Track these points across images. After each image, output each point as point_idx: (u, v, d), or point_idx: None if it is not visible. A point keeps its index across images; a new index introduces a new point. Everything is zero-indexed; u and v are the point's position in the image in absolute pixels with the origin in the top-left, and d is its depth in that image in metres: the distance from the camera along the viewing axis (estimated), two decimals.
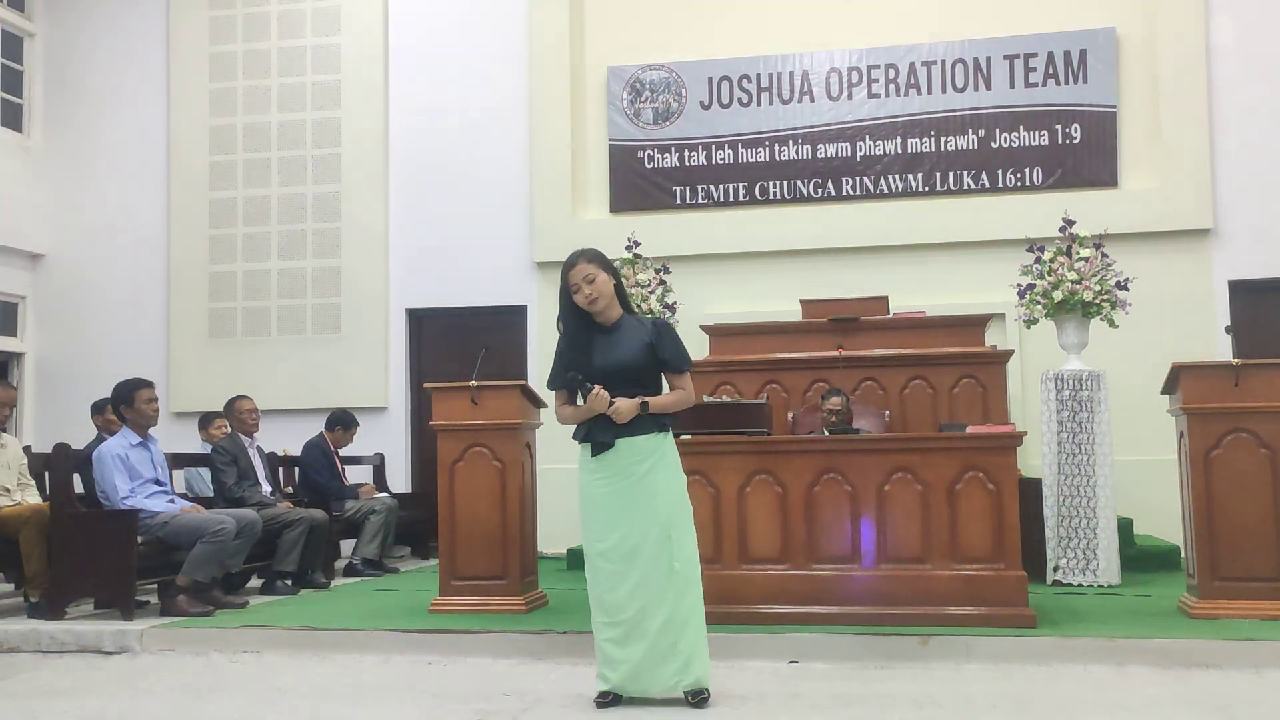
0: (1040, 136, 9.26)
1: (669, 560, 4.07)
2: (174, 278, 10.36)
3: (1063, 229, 6.90)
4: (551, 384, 4.28)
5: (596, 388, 4.07)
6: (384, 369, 10.02)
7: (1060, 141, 9.23)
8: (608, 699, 4.12)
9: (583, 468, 4.22)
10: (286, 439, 9.05)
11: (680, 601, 4.08)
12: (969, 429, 5.58)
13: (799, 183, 9.57)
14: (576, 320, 4.20)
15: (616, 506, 4.11)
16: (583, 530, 4.21)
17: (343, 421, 8.70)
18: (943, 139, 9.40)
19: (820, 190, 9.54)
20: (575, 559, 7.85)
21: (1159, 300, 8.43)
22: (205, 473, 7.85)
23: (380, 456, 9.70)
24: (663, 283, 8.29)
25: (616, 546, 4.09)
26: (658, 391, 4.23)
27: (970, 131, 9.37)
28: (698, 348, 7.25)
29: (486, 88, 10.01)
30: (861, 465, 5.39)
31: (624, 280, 4.26)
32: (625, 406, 4.08)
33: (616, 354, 4.16)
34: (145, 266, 10.42)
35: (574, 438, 4.26)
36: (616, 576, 4.09)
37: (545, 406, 6.31)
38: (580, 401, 4.18)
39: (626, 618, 4.06)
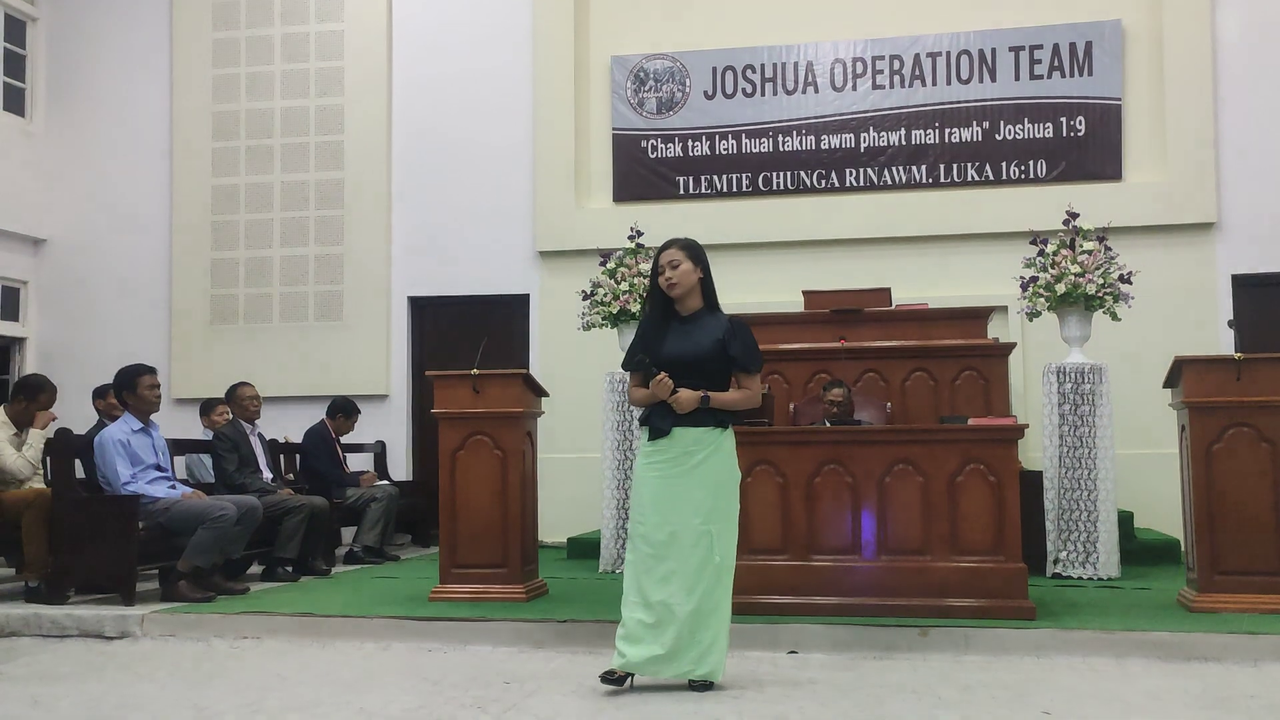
0: (1045, 129, 9.24)
1: (707, 552, 4.13)
2: (176, 263, 10.36)
3: (1066, 222, 6.89)
4: (625, 365, 4.40)
5: (661, 374, 4.14)
6: (386, 356, 10.02)
7: (1065, 134, 9.22)
8: (613, 677, 4.15)
9: (640, 450, 4.32)
10: (288, 426, 9.08)
11: (711, 594, 4.15)
12: (970, 421, 5.58)
13: (802, 173, 9.55)
14: (658, 305, 4.32)
15: (662, 492, 4.17)
16: (630, 509, 4.31)
17: (344, 409, 8.71)
18: (947, 131, 9.38)
19: (824, 181, 9.52)
20: (576, 548, 7.88)
21: (1162, 294, 8.42)
22: (207, 459, 7.86)
23: (381, 444, 9.72)
24: None
25: (655, 530, 4.16)
26: (724, 388, 4.28)
27: (974, 123, 9.35)
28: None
29: (490, 76, 10.00)
30: (862, 457, 5.39)
31: (712, 277, 4.38)
32: (686, 397, 4.16)
33: (687, 344, 4.23)
34: (147, 252, 10.42)
35: (639, 421, 4.38)
36: (653, 559, 4.15)
37: (547, 395, 6.34)
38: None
39: (656, 599, 4.12)
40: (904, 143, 9.43)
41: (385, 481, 8.95)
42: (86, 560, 5.99)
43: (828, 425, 6.42)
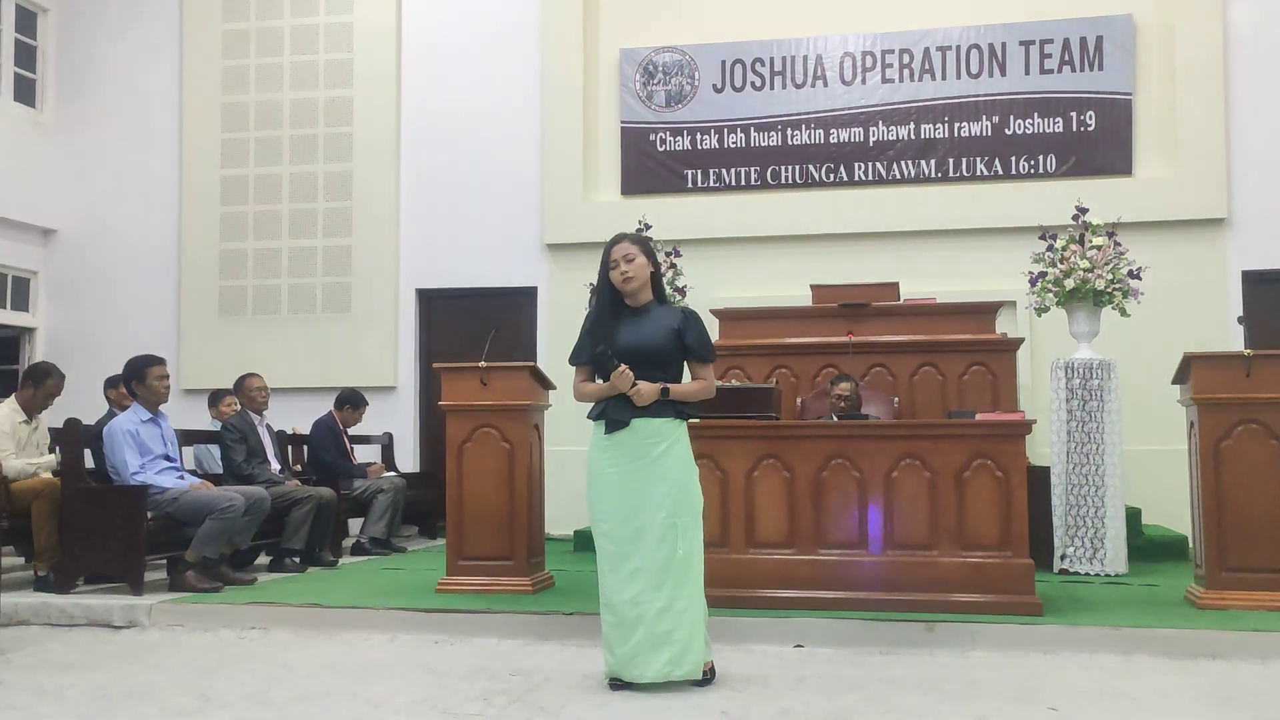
0: (1055, 123, 9.21)
1: (672, 547, 4.07)
2: (185, 255, 10.38)
3: (1076, 217, 6.86)
4: (574, 359, 4.31)
5: (622, 366, 4.08)
6: (394, 349, 10.03)
7: (1075, 129, 9.18)
8: (619, 684, 4.12)
9: (594, 445, 4.23)
10: (296, 417, 9.07)
11: (679, 590, 4.08)
12: (978, 416, 5.57)
13: (811, 167, 9.53)
14: (609, 299, 4.25)
15: (624, 487, 4.11)
16: (589, 508, 4.22)
17: (352, 400, 8.72)
18: (956, 125, 9.34)
19: (832, 175, 9.49)
20: (582, 541, 7.87)
21: (1171, 290, 8.38)
22: (215, 450, 7.87)
23: (389, 436, 9.73)
24: (673, 266, 8.29)
25: (620, 527, 4.10)
26: (678, 379, 4.24)
27: (984, 117, 9.31)
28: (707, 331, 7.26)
29: (499, 69, 9.98)
30: (870, 451, 5.38)
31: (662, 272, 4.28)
32: (647, 390, 4.10)
33: (642, 335, 4.18)
34: (157, 243, 10.44)
35: (589, 416, 4.27)
36: (618, 557, 4.10)
37: (555, 389, 6.33)
38: (599, 380, 4.20)
39: (625, 599, 4.06)
40: (913, 137, 9.39)
41: (392, 473, 8.95)
42: (95, 550, 6.00)
43: (835, 420, 6.41)
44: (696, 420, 5.30)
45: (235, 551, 6.57)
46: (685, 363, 4.29)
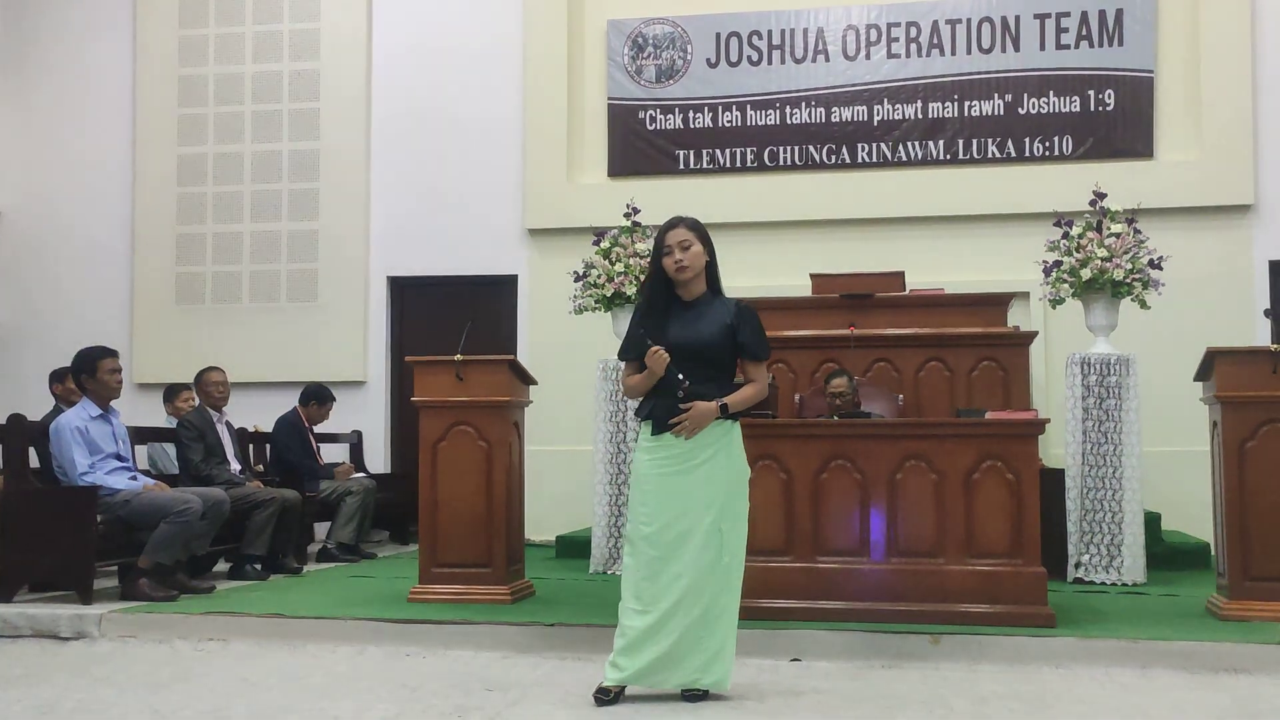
0: (1071, 103, 9.23)
1: (716, 553, 4.12)
2: (139, 239, 10.34)
3: (1093, 202, 6.89)
4: (623, 354, 4.35)
5: (656, 347, 4.11)
6: (363, 340, 10.02)
7: (1093, 108, 9.21)
8: (608, 695, 4.13)
9: (640, 446, 4.26)
10: (258, 414, 9.06)
11: (719, 597, 4.14)
12: (988, 415, 5.60)
13: (811, 148, 9.54)
14: (660, 289, 4.27)
15: (670, 490, 4.14)
16: (629, 510, 4.25)
17: (318, 396, 8.71)
18: (966, 103, 9.37)
19: (834, 156, 9.51)
20: (565, 547, 7.89)
21: (1194, 280, 8.43)
22: (170, 448, 7.86)
23: (358, 434, 9.73)
24: None
25: (663, 532, 4.12)
26: (731, 374, 4.27)
27: (996, 96, 9.34)
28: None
29: (477, 40, 9.97)
30: (872, 452, 5.40)
31: (717, 260, 4.34)
32: (703, 411, 4.10)
33: (694, 331, 4.20)
34: (108, 226, 10.40)
35: (636, 414, 4.34)
36: (659, 563, 4.12)
37: (535, 384, 6.34)
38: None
39: (662, 607, 4.09)
40: (920, 116, 9.42)
41: (362, 474, 8.96)
42: (41, 555, 5.98)
43: (835, 419, 6.43)
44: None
45: (192, 558, 6.56)
46: (737, 360, 4.30)
